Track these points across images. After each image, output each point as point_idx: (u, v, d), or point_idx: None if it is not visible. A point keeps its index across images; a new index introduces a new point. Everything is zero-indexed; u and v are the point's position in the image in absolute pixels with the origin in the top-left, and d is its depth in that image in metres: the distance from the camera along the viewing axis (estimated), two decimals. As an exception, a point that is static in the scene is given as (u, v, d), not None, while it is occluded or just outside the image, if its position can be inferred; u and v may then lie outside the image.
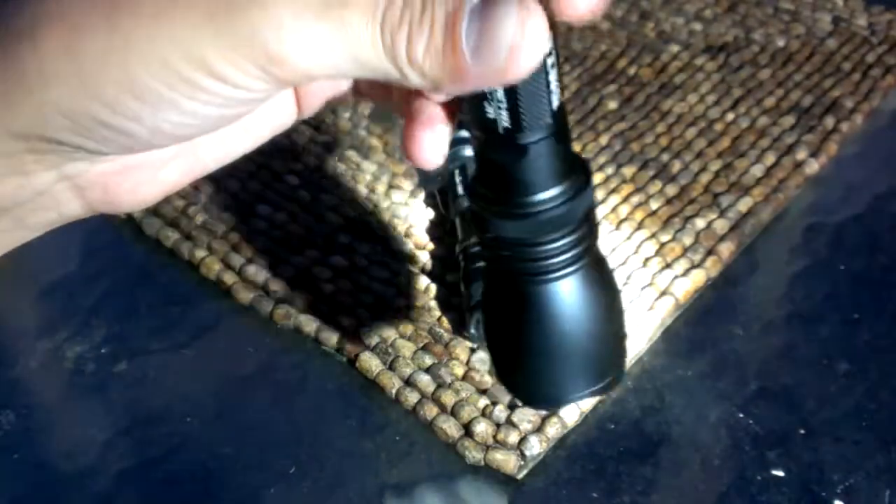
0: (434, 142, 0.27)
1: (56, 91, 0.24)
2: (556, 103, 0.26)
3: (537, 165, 0.27)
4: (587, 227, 0.29)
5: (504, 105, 0.26)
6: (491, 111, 0.26)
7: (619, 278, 0.55)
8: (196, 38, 0.23)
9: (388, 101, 0.29)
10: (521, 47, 0.23)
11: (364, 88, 0.29)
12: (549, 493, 0.46)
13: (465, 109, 0.27)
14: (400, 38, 0.23)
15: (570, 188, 0.27)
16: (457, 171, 0.56)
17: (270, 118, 0.29)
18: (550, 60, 0.25)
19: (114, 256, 0.60)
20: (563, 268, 0.29)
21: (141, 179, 0.28)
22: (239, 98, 0.24)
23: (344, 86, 0.29)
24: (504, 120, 0.26)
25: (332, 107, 0.67)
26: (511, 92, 0.25)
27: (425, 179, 0.61)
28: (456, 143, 0.55)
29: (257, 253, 0.57)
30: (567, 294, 0.29)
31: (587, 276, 0.29)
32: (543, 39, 0.23)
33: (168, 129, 0.25)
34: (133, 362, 0.52)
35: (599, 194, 0.60)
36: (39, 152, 0.25)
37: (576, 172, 0.28)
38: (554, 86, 0.26)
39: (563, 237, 0.28)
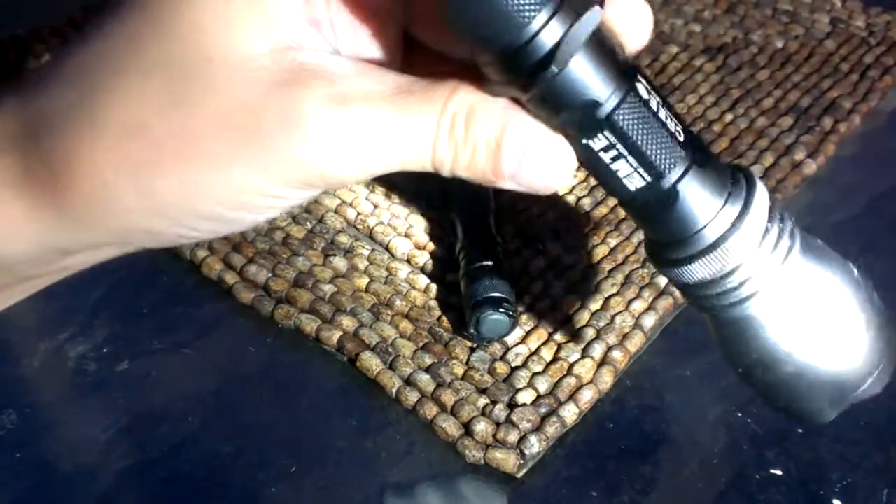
0: None
1: (125, 218, 0.28)
2: (681, 135, 0.26)
3: (696, 194, 0.26)
4: (777, 216, 0.28)
5: (634, 163, 0.26)
6: (626, 179, 0.26)
7: (617, 278, 0.55)
8: (252, 173, 0.25)
9: None
10: (556, 175, 0.26)
11: None
12: (548, 492, 0.46)
13: (599, 181, 0.27)
14: (446, 154, 0.25)
15: (735, 199, 0.27)
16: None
17: None
18: (654, 101, 0.25)
19: (115, 256, 0.60)
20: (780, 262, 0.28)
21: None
22: (294, 204, 0.27)
23: None
24: (645, 175, 0.26)
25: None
26: (633, 149, 0.25)
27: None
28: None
29: (258, 253, 0.57)
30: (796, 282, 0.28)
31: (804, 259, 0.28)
32: (572, 163, 0.26)
33: (226, 229, 0.28)
34: (135, 362, 0.53)
35: (598, 194, 0.61)
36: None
37: (735, 181, 0.27)
38: (670, 122, 0.26)
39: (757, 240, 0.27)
